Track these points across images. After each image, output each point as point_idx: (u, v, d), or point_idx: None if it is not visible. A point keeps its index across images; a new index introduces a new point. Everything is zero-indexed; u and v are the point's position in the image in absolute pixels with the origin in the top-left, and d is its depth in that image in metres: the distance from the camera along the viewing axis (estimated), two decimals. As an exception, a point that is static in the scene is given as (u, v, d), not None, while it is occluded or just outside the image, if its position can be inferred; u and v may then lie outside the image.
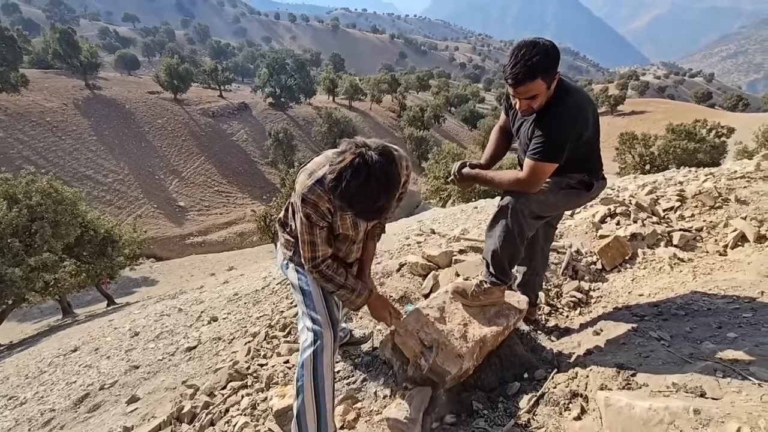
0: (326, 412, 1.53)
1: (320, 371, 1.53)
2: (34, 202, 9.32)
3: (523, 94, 1.59)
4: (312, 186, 1.44)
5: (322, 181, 1.41)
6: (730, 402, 1.25)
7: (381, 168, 1.27)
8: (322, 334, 1.56)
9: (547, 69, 1.54)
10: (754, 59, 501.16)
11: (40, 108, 31.44)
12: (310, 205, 1.47)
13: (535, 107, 1.65)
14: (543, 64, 1.53)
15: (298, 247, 1.66)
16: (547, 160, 1.65)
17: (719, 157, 22.57)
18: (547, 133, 1.63)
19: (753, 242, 2.63)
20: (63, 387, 3.42)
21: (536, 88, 1.57)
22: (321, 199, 1.45)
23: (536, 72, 1.53)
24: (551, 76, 1.57)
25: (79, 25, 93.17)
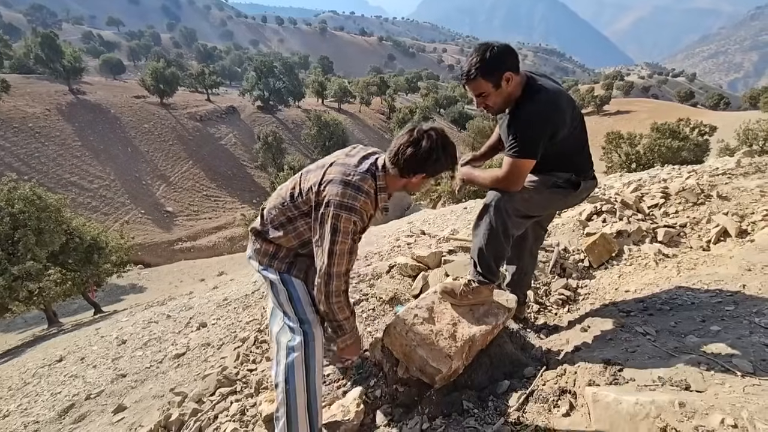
0: (317, 420, 1.51)
1: (312, 369, 1.51)
2: (17, 210, 9.12)
3: (472, 92, 1.71)
4: (359, 194, 1.46)
5: (361, 188, 1.48)
6: (714, 394, 1.27)
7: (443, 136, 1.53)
8: (313, 334, 1.54)
9: (488, 71, 1.62)
10: (734, 59, 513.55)
11: (22, 114, 30.81)
12: (357, 213, 1.46)
13: (490, 104, 1.73)
14: (482, 67, 1.62)
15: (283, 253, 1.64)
16: (521, 156, 1.67)
17: (702, 154, 23.01)
18: (519, 131, 1.68)
19: (735, 237, 2.69)
20: (47, 398, 3.35)
21: (480, 87, 1.67)
22: (367, 205, 1.50)
23: (475, 73, 1.64)
24: (494, 76, 1.63)
25: (61, 29, 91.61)
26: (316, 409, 1.52)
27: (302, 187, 1.57)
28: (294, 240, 1.63)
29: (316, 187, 1.50)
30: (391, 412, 1.79)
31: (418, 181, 1.56)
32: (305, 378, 1.49)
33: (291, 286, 1.62)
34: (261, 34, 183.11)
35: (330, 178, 1.49)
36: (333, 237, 1.44)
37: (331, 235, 1.44)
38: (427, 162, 1.47)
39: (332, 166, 1.53)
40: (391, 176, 1.53)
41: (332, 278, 1.48)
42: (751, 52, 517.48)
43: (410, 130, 1.49)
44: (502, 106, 1.73)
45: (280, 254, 1.64)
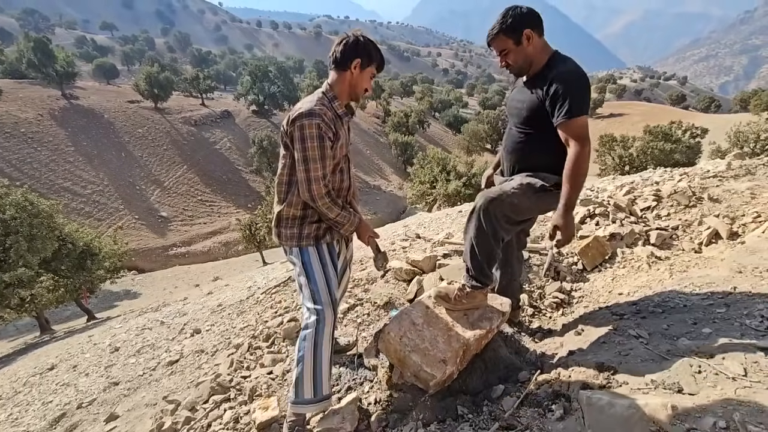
0: (323, 380, 1.71)
1: (320, 345, 1.69)
2: (8, 216, 9.02)
3: (496, 50, 1.81)
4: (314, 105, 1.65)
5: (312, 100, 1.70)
6: (706, 397, 1.28)
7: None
8: (323, 312, 1.72)
9: (509, 28, 1.73)
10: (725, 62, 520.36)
11: (14, 119, 30.52)
12: (317, 116, 1.63)
13: (511, 61, 1.80)
14: (501, 22, 1.74)
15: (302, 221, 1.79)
16: (579, 114, 1.64)
17: (695, 157, 23.24)
18: (568, 88, 1.65)
19: (726, 239, 2.71)
20: (38, 407, 3.30)
21: (501, 44, 1.77)
22: (324, 110, 1.67)
23: (496, 30, 1.75)
24: (515, 32, 1.73)
25: (54, 33, 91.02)
26: (321, 378, 1.71)
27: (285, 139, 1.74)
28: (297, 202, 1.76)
29: (283, 128, 1.70)
30: (385, 418, 1.78)
31: (358, 73, 1.73)
32: (313, 349, 1.69)
33: (309, 266, 1.78)
34: (256, 39, 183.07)
35: (294, 108, 1.70)
36: (302, 145, 1.63)
37: (301, 144, 1.63)
38: (357, 47, 1.71)
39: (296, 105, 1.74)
40: (337, 83, 1.74)
41: (311, 183, 1.65)
42: (741, 55, 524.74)
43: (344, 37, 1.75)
44: (523, 65, 1.80)
45: (288, 226, 1.79)
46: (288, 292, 3.74)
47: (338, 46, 1.72)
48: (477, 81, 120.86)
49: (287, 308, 3.27)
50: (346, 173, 1.90)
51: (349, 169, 1.92)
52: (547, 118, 1.74)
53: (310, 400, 1.70)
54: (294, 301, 3.39)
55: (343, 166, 1.86)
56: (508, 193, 1.77)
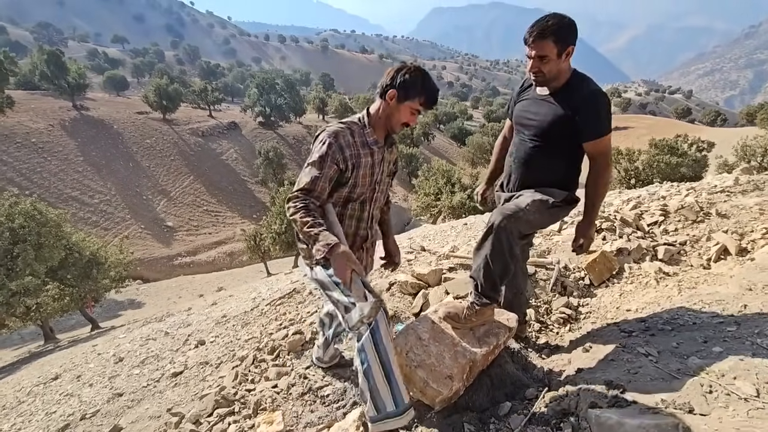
0: (399, 387, 1.54)
1: (382, 347, 1.52)
2: (17, 225, 9.13)
3: (535, 51, 1.73)
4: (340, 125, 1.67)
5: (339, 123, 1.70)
6: (718, 418, 1.25)
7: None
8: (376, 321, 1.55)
9: (560, 34, 1.69)
10: (730, 76, 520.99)
11: (25, 129, 31.08)
12: (333, 135, 1.62)
13: (545, 70, 1.76)
14: (556, 28, 1.68)
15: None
16: (608, 132, 1.75)
17: (701, 170, 23.10)
18: (599, 109, 1.74)
19: (735, 255, 2.69)
20: (42, 417, 3.29)
21: (547, 49, 1.71)
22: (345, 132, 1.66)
23: (548, 33, 1.68)
24: (563, 44, 1.70)
25: (67, 46, 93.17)
26: (397, 385, 1.53)
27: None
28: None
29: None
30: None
31: (395, 104, 1.66)
32: (377, 355, 1.51)
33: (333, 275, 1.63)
34: (263, 52, 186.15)
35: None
36: (309, 157, 1.63)
37: (310, 154, 1.64)
38: (395, 78, 1.64)
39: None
40: (375, 111, 1.71)
41: (294, 185, 1.62)
42: (746, 69, 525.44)
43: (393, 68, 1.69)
44: (552, 77, 1.79)
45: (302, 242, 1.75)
46: (293, 304, 3.74)
47: (386, 74, 1.70)
48: (482, 94, 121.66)
49: (292, 321, 3.26)
50: (369, 205, 1.78)
51: (373, 201, 1.79)
52: (566, 134, 1.79)
53: (394, 413, 1.52)
54: (299, 314, 3.39)
55: (367, 196, 1.75)
56: (525, 210, 1.78)
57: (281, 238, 18.08)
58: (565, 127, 1.79)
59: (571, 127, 1.77)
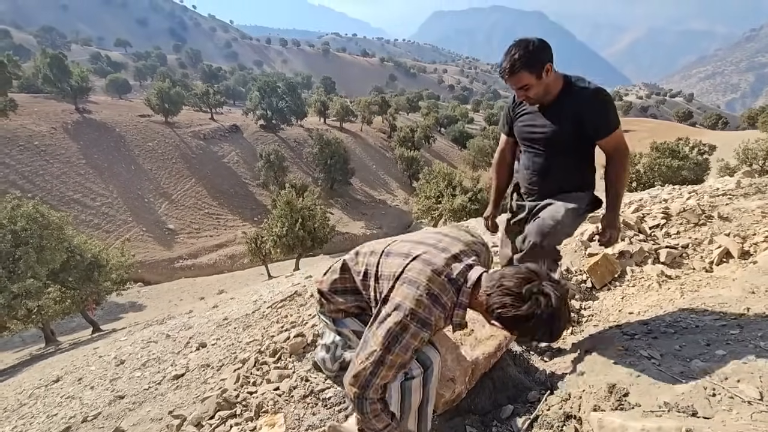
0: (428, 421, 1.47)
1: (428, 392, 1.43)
2: (19, 228, 9.15)
3: (514, 85, 1.77)
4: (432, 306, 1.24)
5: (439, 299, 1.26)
6: (722, 421, 1.25)
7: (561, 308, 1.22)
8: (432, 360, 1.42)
9: (530, 62, 1.70)
10: (731, 80, 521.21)
11: (28, 132, 31.23)
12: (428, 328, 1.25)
13: (531, 95, 1.79)
14: (525, 60, 1.69)
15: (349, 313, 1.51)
16: (617, 125, 1.81)
17: (702, 173, 23.10)
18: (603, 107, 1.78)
19: (737, 258, 2.68)
20: (43, 420, 3.29)
21: (523, 79, 1.73)
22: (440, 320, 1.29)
23: (518, 67, 1.70)
24: (537, 69, 1.72)
25: (70, 50, 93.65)
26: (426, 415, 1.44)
27: (379, 271, 1.38)
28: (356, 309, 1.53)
29: (391, 281, 1.30)
30: (393, 438, 1.75)
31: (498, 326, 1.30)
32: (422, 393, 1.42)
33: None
34: (265, 55, 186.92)
35: (408, 277, 1.27)
36: (390, 346, 1.23)
37: (389, 343, 1.23)
38: (517, 325, 1.24)
39: (416, 260, 1.31)
40: (476, 298, 1.29)
41: (370, 387, 1.26)
42: (747, 73, 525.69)
43: (524, 279, 1.21)
44: (542, 96, 1.82)
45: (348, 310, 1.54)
46: (294, 306, 3.74)
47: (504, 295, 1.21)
48: (482, 97, 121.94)
49: (294, 323, 3.26)
50: None
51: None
52: (576, 139, 1.83)
53: None
54: (300, 316, 3.38)
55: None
56: (563, 223, 1.83)
57: (282, 241, 18.10)
58: (574, 133, 1.83)
59: (580, 132, 1.81)
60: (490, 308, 1.24)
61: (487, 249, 1.49)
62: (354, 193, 38.44)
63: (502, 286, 1.21)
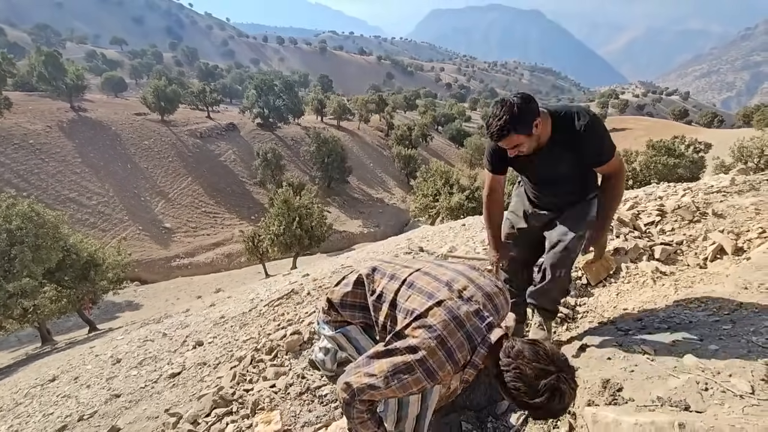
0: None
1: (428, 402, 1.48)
2: (14, 227, 9.10)
3: (505, 146, 1.74)
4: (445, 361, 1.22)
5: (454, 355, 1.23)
6: (714, 415, 1.26)
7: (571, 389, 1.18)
8: None
9: (519, 124, 1.65)
10: (726, 78, 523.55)
11: (23, 130, 31.00)
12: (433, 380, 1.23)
13: (524, 150, 1.76)
14: (513, 123, 1.64)
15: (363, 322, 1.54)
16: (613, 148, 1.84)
17: (698, 171, 23.21)
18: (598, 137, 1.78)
19: (731, 255, 2.70)
20: (39, 419, 3.28)
21: (514, 140, 1.69)
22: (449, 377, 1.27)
23: (506, 130, 1.65)
24: (527, 128, 1.67)
25: (65, 48, 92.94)
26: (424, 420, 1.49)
27: (397, 300, 1.37)
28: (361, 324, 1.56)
29: (409, 318, 1.29)
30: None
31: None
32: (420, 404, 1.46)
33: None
34: (262, 53, 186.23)
35: (428, 323, 1.25)
36: (389, 380, 1.22)
37: (390, 377, 1.22)
38: (522, 406, 1.21)
39: (439, 306, 1.27)
40: (490, 359, 1.25)
41: (358, 399, 1.27)
42: (742, 71, 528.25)
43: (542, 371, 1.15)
44: (536, 147, 1.80)
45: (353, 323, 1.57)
46: (291, 305, 3.74)
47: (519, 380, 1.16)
48: (480, 95, 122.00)
49: (290, 321, 3.26)
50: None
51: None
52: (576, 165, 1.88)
53: None
54: (297, 314, 3.39)
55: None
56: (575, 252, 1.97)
57: (279, 240, 18.07)
58: (572, 165, 1.86)
59: (578, 159, 1.84)
60: (502, 381, 1.20)
61: (506, 299, 1.43)
62: (351, 191, 38.42)
63: (519, 370, 1.16)
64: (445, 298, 1.29)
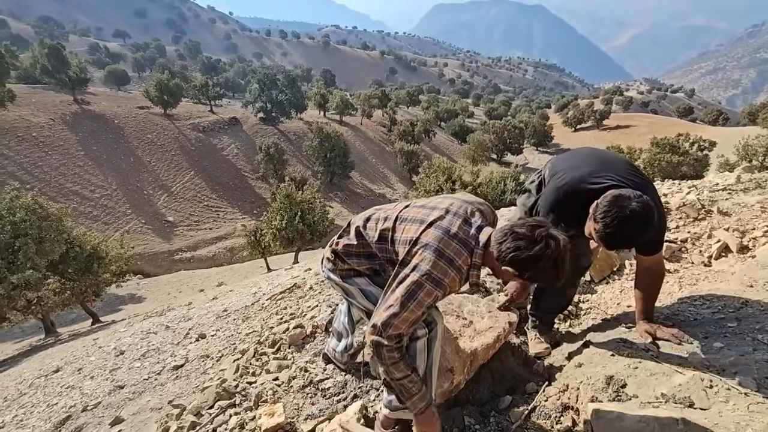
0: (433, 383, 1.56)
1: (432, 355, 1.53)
2: (18, 219, 9.13)
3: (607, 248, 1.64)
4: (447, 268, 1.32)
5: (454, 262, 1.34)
6: (718, 412, 1.26)
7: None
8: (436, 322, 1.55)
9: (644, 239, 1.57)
10: (732, 75, 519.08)
11: (26, 123, 31.04)
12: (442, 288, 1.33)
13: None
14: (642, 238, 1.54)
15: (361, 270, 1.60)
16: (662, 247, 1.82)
17: (702, 169, 23.09)
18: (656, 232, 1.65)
19: (736, 253, 2.68)
20: (44, 409, 3.31)
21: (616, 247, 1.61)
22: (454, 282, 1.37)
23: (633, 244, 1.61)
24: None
25: (68, 40, 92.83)
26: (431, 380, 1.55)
27: (396, 236, 1.46)
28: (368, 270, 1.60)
29: (407, 246, 1.39)
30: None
31: (509, 275, 1.35)
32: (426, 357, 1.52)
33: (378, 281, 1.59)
34: (265, 48, 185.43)
35: (425, 242, 1.35)
36: (405, 302, 1.31)
37: (405, 299, 1.31)
38: (528, 267, 1.29)
39: (431, 227, 1.38)
40: (489, 254, 1.36)
41: (386, 334, 1.33)
42: (749, 68, 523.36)
43: (534, 226, 1.29)
44: None
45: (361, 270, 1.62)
46: (293, 298, 3.75)
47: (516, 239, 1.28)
48: (483, 91, 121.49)
49: (293, 315, 3.27)
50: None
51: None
52: None
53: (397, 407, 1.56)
54: (299, 308, 3.39)
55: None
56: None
57: (281, 234, 18.09)
58: None
59: None
60: (503, 255, 1.30)
61: (492, 210, 1.54)
62: (353, 186, 38.40)
63: (515, 233, 1.29)
64: (435, 218, 1.41)
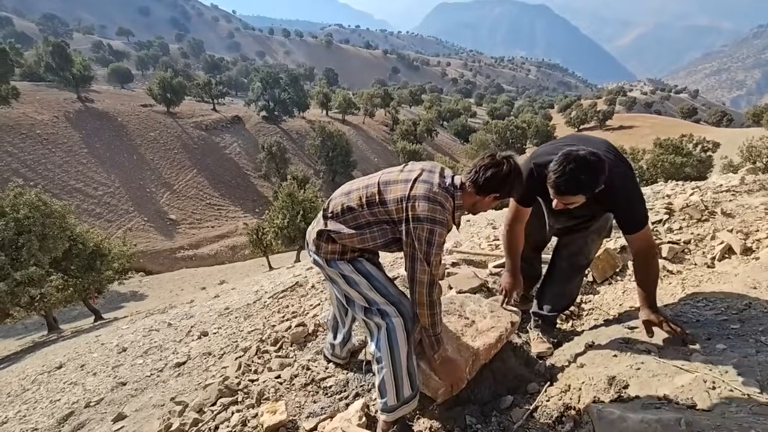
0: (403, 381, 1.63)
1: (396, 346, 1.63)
2: (22, 216, 9.17)
3: (559, 200, 1.70)
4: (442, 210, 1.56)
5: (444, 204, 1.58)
6: (721, 414, 1.26)
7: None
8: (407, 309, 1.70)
9: (593, 188, 1.61)
10: (737, 76, 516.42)
11: (30, 120, 31.17)
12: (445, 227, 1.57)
13: (572, 209, 1.77)
14: (589, 184, 1.60)
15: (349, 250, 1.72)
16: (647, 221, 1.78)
17: (706, 171, 23.00)
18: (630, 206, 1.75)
19: (739, 254, 2.67)
20: (47, 405, 3.33)
21: (576, 200, 1.67)
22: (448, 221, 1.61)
23: (581, 190, 1.62)
24: (592, 191, 1.63)
25: (72, 38, 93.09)
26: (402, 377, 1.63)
27: (385, 197, 1.62)
28: (359, 244, 1.68)
29: (404, 202, 1.57)
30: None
31: (489, 201, 1.65)
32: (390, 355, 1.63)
33: (369, 275, 1.73)
34: (267, 46, 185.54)
35: (417, 194, 1.57)
36: (429, 249, 1.54)
37: (428, 247, 1.54)
38: (505, 183, 1.58)
39: (417, 182, 1.60)
40: (467, 194, 1.64)
41: (435, 286, 1.59)
42: (753, 69, 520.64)
43: (491, 155, 1.61)
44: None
45: (347, 252, 1.73)
46: (295, 297, 3.76)
47: (488, 169, 1.58)
48: (486, 91, 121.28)
49: (295, 313, 3.28)
50: None
51: None
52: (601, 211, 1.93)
53: (410, 396, 1.64)
54: (301, 306, 3.40)
55: None
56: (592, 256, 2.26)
57: (283, 233, 18.12)
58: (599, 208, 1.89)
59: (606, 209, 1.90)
60: (477, 184, 1.59)
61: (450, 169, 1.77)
62: (355, 185, 38.36)
63: (483, 165, 1.59)
64: (416, 176, 1.62)
